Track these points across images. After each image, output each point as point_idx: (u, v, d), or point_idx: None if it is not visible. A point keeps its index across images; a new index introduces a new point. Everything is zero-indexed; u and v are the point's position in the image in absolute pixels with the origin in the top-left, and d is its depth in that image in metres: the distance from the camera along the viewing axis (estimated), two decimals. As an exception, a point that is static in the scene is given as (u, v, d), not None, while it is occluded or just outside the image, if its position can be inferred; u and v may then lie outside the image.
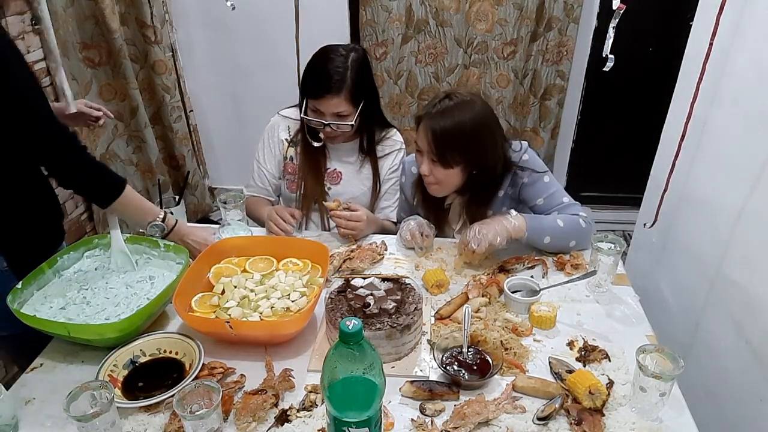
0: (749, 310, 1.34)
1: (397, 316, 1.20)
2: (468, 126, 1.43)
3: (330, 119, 1.61)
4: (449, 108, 1.45)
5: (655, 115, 1.97)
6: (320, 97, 1.58)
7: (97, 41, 2.35)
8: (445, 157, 1.46)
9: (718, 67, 1.50)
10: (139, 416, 1.06)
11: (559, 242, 1.52)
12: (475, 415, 1.02)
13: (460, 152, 1.46)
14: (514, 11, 2.81)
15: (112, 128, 2.53)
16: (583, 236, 1.52)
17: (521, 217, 1.48)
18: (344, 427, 0.88)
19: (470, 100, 1.46)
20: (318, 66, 1.60)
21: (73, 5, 2.17)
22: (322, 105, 1.59)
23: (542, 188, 1.56)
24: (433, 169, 1.50)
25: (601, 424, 1.03)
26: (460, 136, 1.44)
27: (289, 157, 1.79)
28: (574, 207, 1.55)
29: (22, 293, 1.24)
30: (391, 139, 1.82)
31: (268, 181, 1.83)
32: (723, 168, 1.51)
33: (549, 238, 1.50)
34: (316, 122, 1.63)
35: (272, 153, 1.80)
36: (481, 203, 1.60)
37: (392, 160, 1.81)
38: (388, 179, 1.82)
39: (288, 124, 1.79)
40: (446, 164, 1.47)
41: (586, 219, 1.53)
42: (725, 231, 1.46)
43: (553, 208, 1.55)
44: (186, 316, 1.19)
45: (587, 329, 1.30)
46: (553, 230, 1.50)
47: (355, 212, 1.61)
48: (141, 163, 2.72)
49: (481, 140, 1.46)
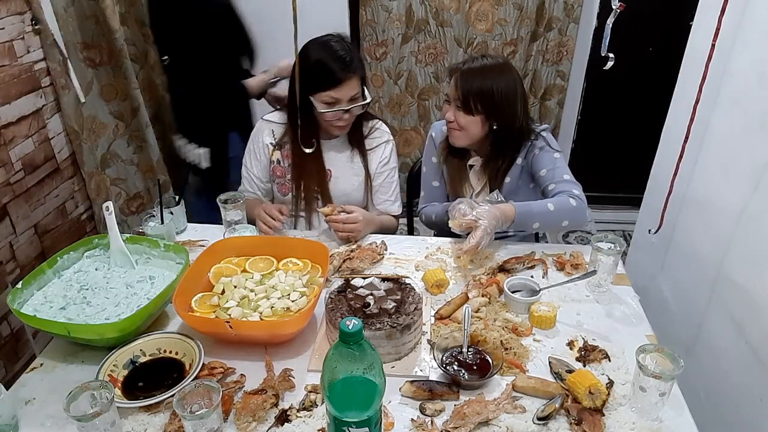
0: (750, 310, 1.34)
1: (397, 316, 1.20)
2: (495, 86, 1.57)
3: (347, 104, 1.62)
4: (482, 67, 1.60)
5: (655, 115, 1.97)
6: (339, 84, 1.58)
7: (98, 41, 2.34)
8: (469, 105, 1.58)
9: (718, 69, 1.50)
10: (139, 416, 1.06)
11: (548, 225, 1.55)
12: (475, 415, 1.02)
13: (483, 105, 1.58)
14: (514, 11, 2.81)
15: (113, 128, 2.53)
16: (575, 214, 1.52)
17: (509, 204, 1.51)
18: (344, 427, 0.88)
19: (503, 63, 1.64)
20: (324, 57, 1.58)
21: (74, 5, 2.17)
22: (341, 91, 1.59)
23: (549, 161, 1.63)
24: (457, 115, 1.62)
25: (601, 424, 1.03)
26: (487, 93, 1.57)
27: (275, 160, 1.79)
28: (570, 185, 1.57)
29: (22, 293, 1.24)
30: (379, 130, 1.82)
31: (258, 186, 1.83)
32: (724, 169, 1.51)
33: (538, 224, 1.52)
34: (334, 112, 1.62)
35: (258, 158, 1.81)
36: (499, 159, 1.69)
37: (382, 153, 1.81)
38: (381, 172, 1.82)
39: (272, 128, 1.79)
40: (469, 111, 1.59)
41: (577, 197, 1.53)
42: (726, 232, 1.46)
43: (552, 182, 1.60)
44: (186, 316, 1.19)
45: (587, 329, 1.30)
46: (543, 215, 1.50)
47: (350, 214, 1.61)
48: (142, 163, 2.71)
49: (505, 100, 1.59)
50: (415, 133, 3.24)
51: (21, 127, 1.80)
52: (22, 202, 1.80)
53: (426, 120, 3.19)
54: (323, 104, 1.61)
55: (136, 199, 2.73)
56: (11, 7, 1.75)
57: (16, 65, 1.77)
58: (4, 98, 1.71)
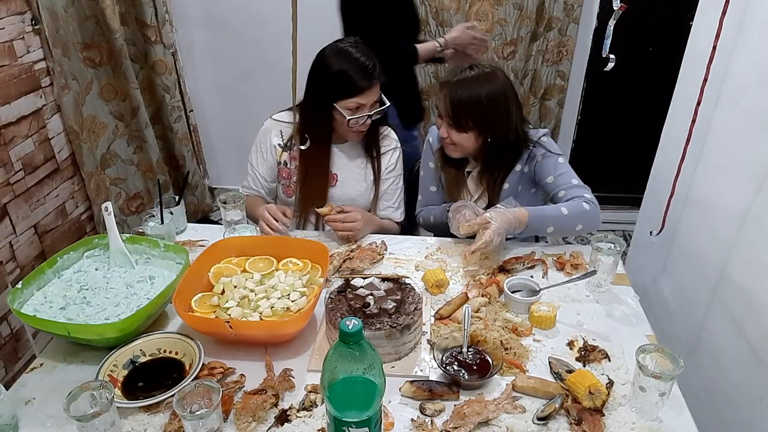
0: (750, 310, 1.34)
1: (397, 316, 1.20)
2: (483, 96, 1.53)
3: (371, 109, 1.64)
4: (469, 78, 1.56)
5: (655, 115, 1.97)
6: (365, 90, 1.59)
7: (98, 41, 2.35)
8: (460, 122, 1.56)
9: (719, 69, 1.50)
10: (139, 416, 1.06)
11: (562, 229, 1.55)
12: (475, 415, 1.02)
13: (474, 119, 1.55)
14: (514, 11, 2.81)
15: (113, 128, 2.53)
16: (589, 217, 1.53)
17: (524, 209, 1.51)
18: (344, 427, 0.88)
19: (491, 73, 1.57)
20: (346, 64, 1.58)
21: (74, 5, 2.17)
22: (366, 97, 1.61)
23: (554, 167, 1.62)
24: (450, 132, 1.60)
25: (600, 424, 1.03)
26: (476, 105, 1.54)
27: (282, 162, 1.79)
28: (580, 189, 1.58)
29: (22, 293, 1.24)
30: (388, 137, 1.82)
31: (262, 185, 1.83)
32: (725, 170, 1.51)
33: (552, 227, 1.52)
34: (359, 117, 1.62)
35: (265, 158, 1.80)
36: (495, 170, 1.67)
37: (389, 159, 1.81)
38: (387, 179, 1.82)
39: (281, 128, 1.78)
40: (461, 129, 1.57)
41: (589, 201, 1.54)
42: (728, 232, 1.46)
43: (560, 188, 1.59)
44: (186, 316, 1.19)
45: (587, 329, 1.30)
46: (556, 219, 1.51)
47: (348, 213, 1.61)
48: (141, 163, 2.72)
49: (495, 111, 1.55)
50: (415, 133, 3.24)
51: (21, 127, 1.80)
52: (22, 202, 1.80)
53: (426, 120, 3.19)
54: (348, 110, 1.61)
55: (136, 199, 2.73)
56: (11, 7, 1.75)
57: (16, 65, 1.77)
58: (4, 98, 1.72)
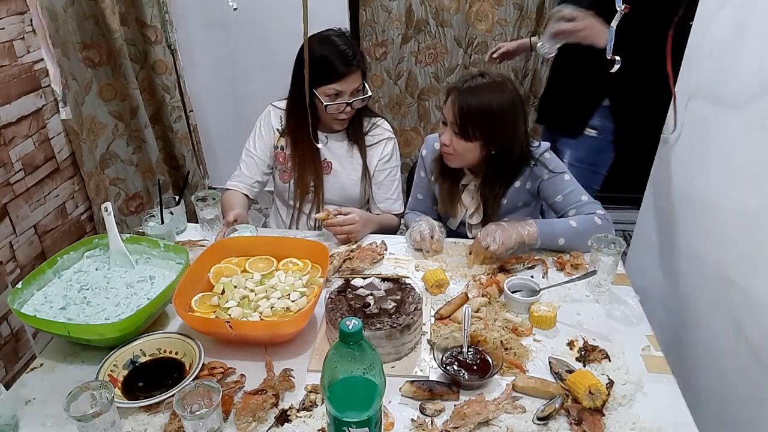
0: (749, 310, 1.34)
1: (397, 316, 1.20)
2: (494, 106, 1.49)
3: (351, 97, 1.65)
4: (480, 86, 1.50)
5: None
6: (344, 77, 1.61)
7: (98, 41, 2.35)
8: (467, 131, 1.51)
9: (720, 69, 1.50)
10: (139, 416, 1.06)
11: (574, 243, 1.53)
12: (475, 415, 1.02)
13: (481, 130, 1.51)
14: (514, 11, 2.81)
15: (113, 128, 2.53)
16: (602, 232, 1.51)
17: (534, 224, 1.50)
18: (344, 427, 0.88)
19: (501, 82, 1.52)
20: (327, 50, 1.61)
21: (73, 5, 2.17)
22: (345, 84, 1.62)
23: (561, 186, 1.60)
24: (453, 140, 1.54)
25: (601, 424, 1.03)
26: (485, 114, 1.49)
27: (279, 146, 1.82)
28: (591, 205, 1.57)
29: (22, 293, 1.24)
30: (380, 127, 1.84)
31: (257, 168, 1.83)
32: (725, 169, 1.51)
33: (563, 239, 1.52)
34: (338, 104, 1.64)
35: (263, 140, 1.82)
36: (496, 185, 1.63)
37: (383, 149, 1.82)
38: (383, 170, 1.82)
39: (280, 114, 1.82)
40: (467, 138, 1.52)
41: (602, 216, 1.54)
42: (726, 231, 1.46)
43: (571, 206, 1.58)
44: (186, 316, 1.19)
45: (587, 329, 1.30)
46: (566, 231, 1.51)
47: (347, 215, 1.61)
48: (141, 163, 2.72)
49: (504, 122, 1.51)
50: (415, 134, 3.23)
51: (21, 127, 1.80)
52: (22, 202, 1.80)
53: (426, 120, 3.18)
54: (326, 97, 1.63)
55: (136, 199, 2.73)
56: (11, 7, 1.75)
57: (16, 65, 1.77)
58: (4, 98, 1.72)
